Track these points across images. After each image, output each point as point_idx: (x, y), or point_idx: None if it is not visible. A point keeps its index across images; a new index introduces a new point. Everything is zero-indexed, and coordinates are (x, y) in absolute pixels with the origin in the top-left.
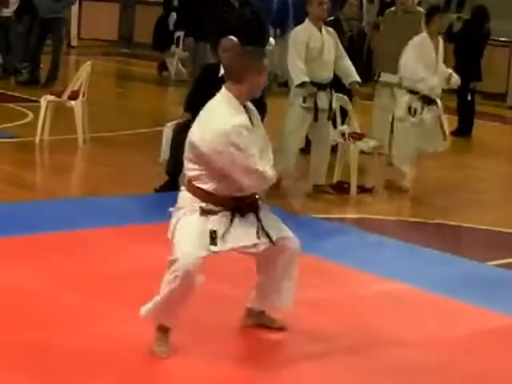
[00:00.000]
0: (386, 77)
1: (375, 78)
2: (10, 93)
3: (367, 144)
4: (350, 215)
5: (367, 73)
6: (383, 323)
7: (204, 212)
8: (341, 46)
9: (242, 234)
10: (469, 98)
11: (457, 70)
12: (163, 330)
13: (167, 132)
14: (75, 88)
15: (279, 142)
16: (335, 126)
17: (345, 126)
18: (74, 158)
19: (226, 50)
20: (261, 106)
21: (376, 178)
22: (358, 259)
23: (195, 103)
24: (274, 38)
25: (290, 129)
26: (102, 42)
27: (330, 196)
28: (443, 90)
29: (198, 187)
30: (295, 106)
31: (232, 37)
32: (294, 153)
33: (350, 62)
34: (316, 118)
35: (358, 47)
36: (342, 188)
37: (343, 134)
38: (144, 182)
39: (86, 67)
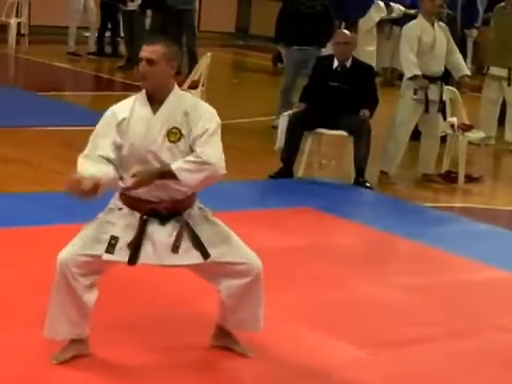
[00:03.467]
0: (494, 70)
1: (484, 72)
2: (134, 83)
3: (476, 135)
4: (458, 204)
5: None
6: (487, 309)
7: (111, 213)
8: (452, 41)
9: (157, 248)
10: None
11: None
12: (69, 342)
13: (283, 120)
14: (195, 78)
15: (390, 132)
16: (445, 118)
17: (454, 118)
18: None
19: (339, 42)
20: (373, 99)
21: (483, 168)
22: (464, 247)
23: (310, 93)
24: None
25: (401, 120)
26: (219, 34)
27: (438, 185)
28: None
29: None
30: (406, 97)
31: (345, 30)
32: (404, 143)
33: (460, 56)
34: (427, 110)
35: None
36: (450, 177)
37: (452, 126)
38: (259, 169)
39: (205, 58)
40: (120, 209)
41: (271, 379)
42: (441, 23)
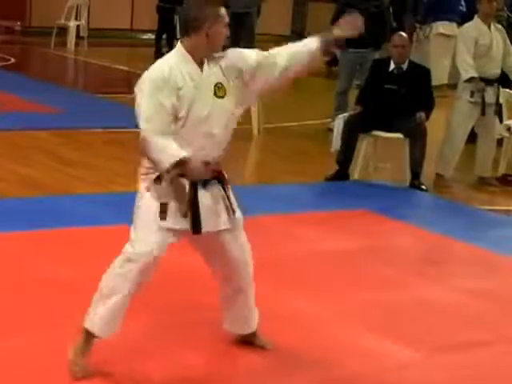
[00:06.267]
0: None
1: None
2: None
3: None
4: None
5: None
6: None
7: (158, 182)
8: (508, 43)
9: (207, 213)
10: None
11: None
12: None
13: (338, 123)
14: None
15: (445, 135)
16: (501, 121)
17: (510, 121)
18: (249, 146)
19: (397, 45)
20: (429, 101)
21: None
22: None
23: (366, 96)
24: None
25: (457, 122)
26: (275, 36)
27: (494, 188)
28: None
29: None
30: (462, 100)
31: (402, 33)
32: (460, 146)
33: None
34: (483, 113)
35: None
36: (506, 180)
37: (509, 128)
38: (315, 171)
39: None
40: (158, 178)
41: (327, 380)
42: (497, 25)
